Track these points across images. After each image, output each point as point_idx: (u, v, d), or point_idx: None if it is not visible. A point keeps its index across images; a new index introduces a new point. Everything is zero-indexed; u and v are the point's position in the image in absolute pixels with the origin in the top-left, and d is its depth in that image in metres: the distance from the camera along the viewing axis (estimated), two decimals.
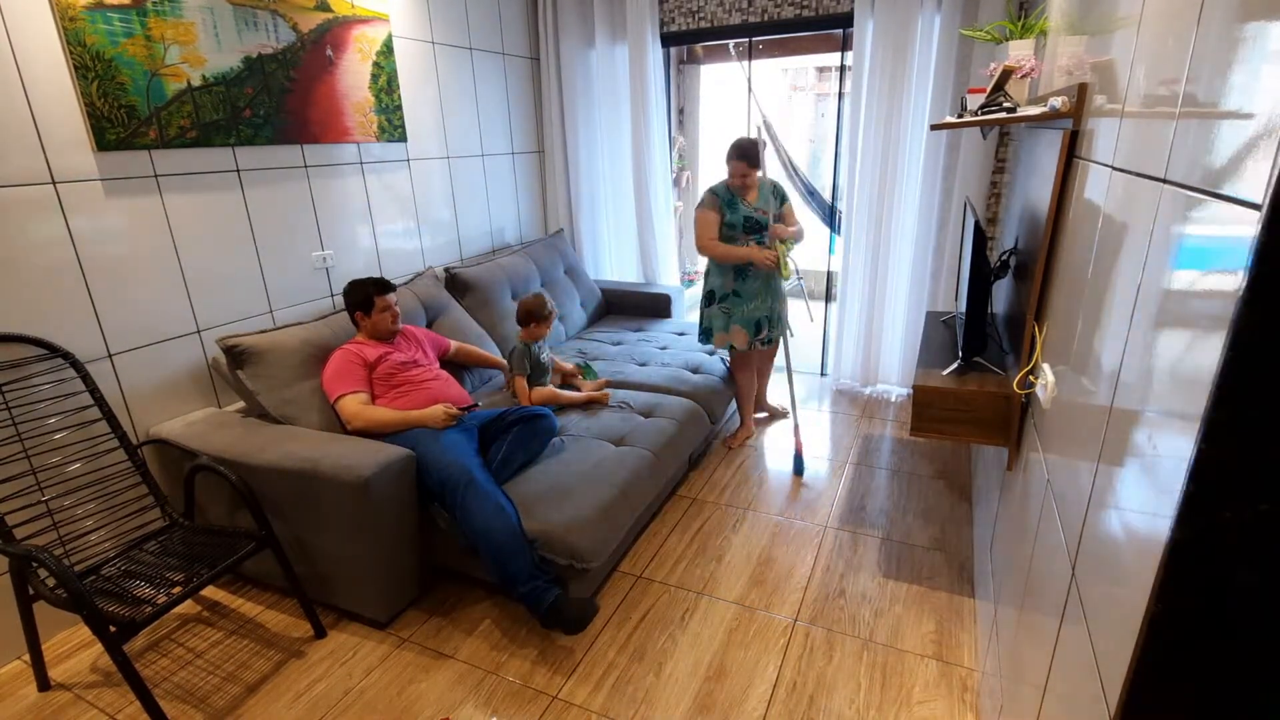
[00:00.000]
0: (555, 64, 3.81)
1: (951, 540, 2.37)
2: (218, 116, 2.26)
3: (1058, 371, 1.23)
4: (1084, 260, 1.12)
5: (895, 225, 3.35)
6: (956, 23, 2.90)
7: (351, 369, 2.23)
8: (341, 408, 2.18)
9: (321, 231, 2.69)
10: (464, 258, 3.51)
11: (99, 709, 1.79)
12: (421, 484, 2.05)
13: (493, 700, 1.78)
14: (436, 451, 2.07)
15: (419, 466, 2.04)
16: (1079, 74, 1.40)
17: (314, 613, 2.03)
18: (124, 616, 1.58)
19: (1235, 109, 0.61)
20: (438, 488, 2.00)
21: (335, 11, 2.61)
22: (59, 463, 1.93)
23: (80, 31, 1.89)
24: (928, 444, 3.07)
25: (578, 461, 2.25)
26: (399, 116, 2.96)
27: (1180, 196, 0.71)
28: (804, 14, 3.37)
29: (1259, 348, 0.52)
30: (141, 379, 2.16)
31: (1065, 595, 0.96)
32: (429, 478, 2.03)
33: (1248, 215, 0.54)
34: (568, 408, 2.67)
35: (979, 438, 1.75)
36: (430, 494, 2.05)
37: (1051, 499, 1.15)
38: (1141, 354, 0.77)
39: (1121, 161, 0.97)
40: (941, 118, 2.60)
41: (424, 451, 2.06)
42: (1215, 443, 0.56)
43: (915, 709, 1.71)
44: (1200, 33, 0.71)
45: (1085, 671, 0.81)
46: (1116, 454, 0.81)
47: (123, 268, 2.08)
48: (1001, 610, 1.56)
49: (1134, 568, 0.69)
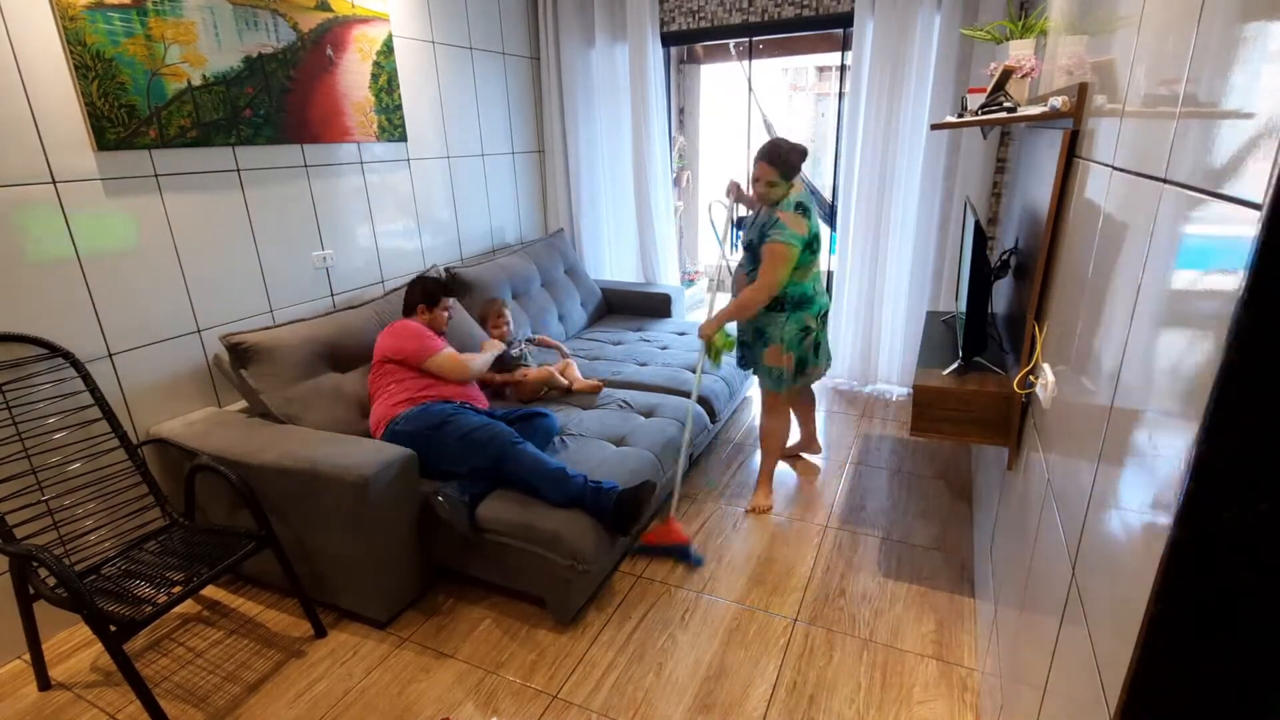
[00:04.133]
0: (555, 64, 3.81)
1: (951, 540, 2.37)
2: (218, 116, 2.26)
3: (1058, 371, 1.23)
4: (1084, 260, 1.12)
5: (895, 225, 3.35)
6: (957, 22, 2.90)
7: (429, 334, 2.40)
8: (441, 362, 2.35)
9: (322, 231, 2.69)
10: (464, 257, 3.51)
11: (99, 708, 1.79)
12: (431, 467, 2.08)
13: (493, 700, 1.78)
14: (473, 416, 2.20)
15: (442, 440, 2.11)
16: (1079, 74, 1.40)
17: (314, 612, 2.03)
18: (124, 616, 1.58)
19: (1235, 109, 0.61)
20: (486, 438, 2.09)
21: (335, 11, 2.61)
22: (59, 462, 1.93)
23: (80, 31, 1.89)
24: (928, 444, 3.07)
25: (579, 462, 2.24)
26: (399, 116, 2.96)
27: (1181, 196, 0.71)
28: (804, 14, 3.37)
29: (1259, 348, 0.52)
30: (142, 378, 2.16)
31: (1065, 595, 0.96)
32: (475, 435, 2.11)
33: (1248, 215, 0.54)
34: (568, 404, 2.68)
35: (979, 438, 1.75)
36: (445, 474, 2.10)
37: (1052, 499, 1.15)
38: (1142, 354, 0.77)
39: (1122, 161, 0.97)
40: (942, 118, 2.60)
41: (461, 421, 2.15)
42: (1215, 443, 0.56)
43: (915, 709, 1.71)
44: (1200, 33, 0.71)
45: (1085, 671, 0.81)
46: (1117, 454, 0.81)
47: (123, 267, 2.08)
48: (1001, 610, 1.56)
49: (1134, 568, 0.69)
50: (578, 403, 2.75)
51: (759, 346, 2.45)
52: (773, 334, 2.39)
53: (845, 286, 3.55)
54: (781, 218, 2.21)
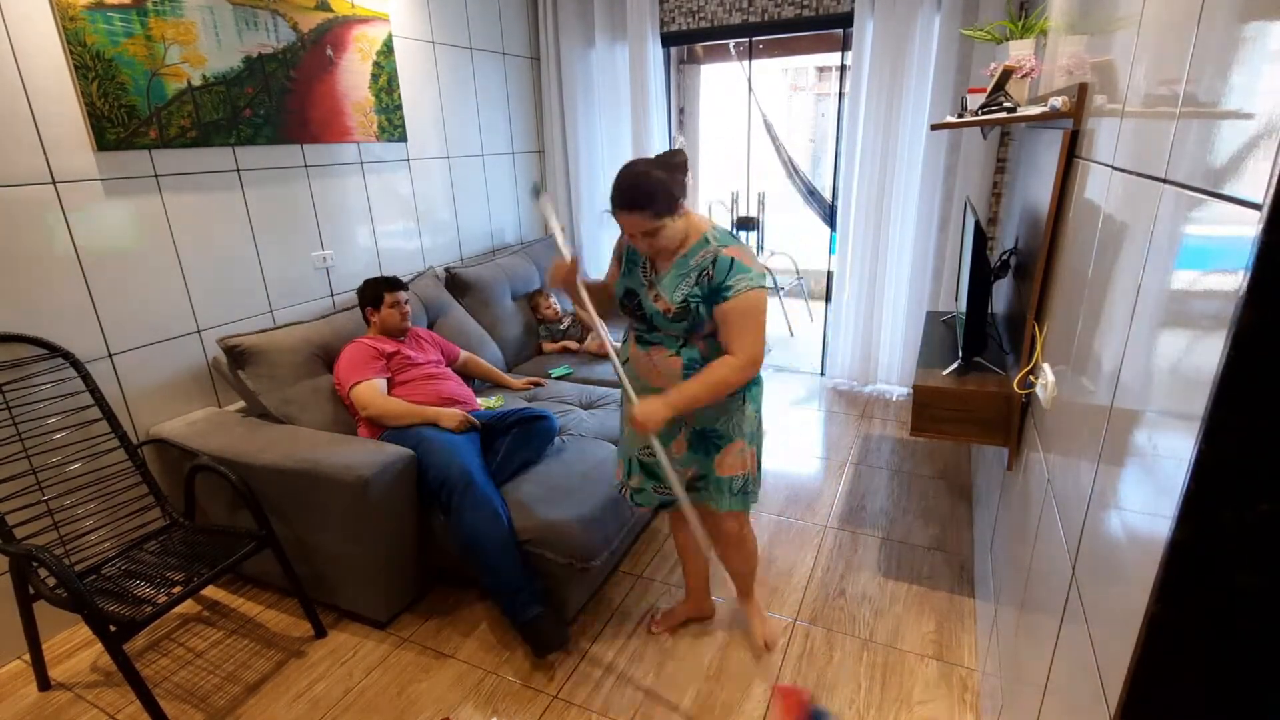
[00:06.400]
0: (555, 64, 3.81)
1: (951, 540, 2.37)
2: (218, 116, 2.26)
3: (1058, 371, 1.23)
4: (1084, 260, 1.12)
5: (895, 225, 3.35)
6: (956, 22, 2.90)
7: (367, 359, 2.27)
8: (356, 395, 2.20)
9: (321, 231, 2.69)
10: (464, 257, 3.51)
11: (99, 709, 1.79)
12: (422, 484, 2.05)
13: (493, 700, 1.78)
14: (439, 450, 2.06)
15: (420, 465, 2.04)
16: (1079, 74, 1.40)
17: (314, 612, 2.03)
18: (124, 616, 1.58)
19: (1235, 109, 0.61)
20: (436, 486, 2.00)
21: (335, 11, 2.61)
22: (59, 462, 1.93)
23: (80, 31, 1.89)
24: (928, 444, 3.07)
25: (578, 461, 2.24)
26: (399, 116, 2.96)
27: (1181, 196, 0.71)
28: (804, 14, 3.37)
29: (1259, 348, 0.52)
30: (142, 379, 2.16)
31: (1065, 595, 0.96)
32: (428, 476, 2.02)
33: (1248, 215, 0.53)
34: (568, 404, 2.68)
35: (979, 438, 1.75)
36: (430, 494, 2.05)
37: (1052, 499, 1.15)
38: (1142, 354, 0.77)
39: (1122, 161, 0.97)
40: (942, 117, 2.60)
41: (426, 450, 2.06)
42: (1215, 443, 0.56)
43: (915, 709, 1.71)
44: (1200, 33, 0.71)
45: (1085, 671, 0.81)
46: (1117, 454, 0.81)
47: (123, 267, 2.08)
48: (1001, 610, 1.56)
49: (1134, 568, 0.69)
50: (578, 402, 2.75)
51: (706, 453, 1.66)
52: (729, 428, 1.63)
53: (845, 287, 3.55)
54: (733, 256, 1.50)
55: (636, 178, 1.46)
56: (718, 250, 1.52)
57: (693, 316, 1.52)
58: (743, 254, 1.52)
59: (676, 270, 1.55)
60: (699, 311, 1.52)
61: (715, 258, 1.51)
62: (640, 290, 1.61)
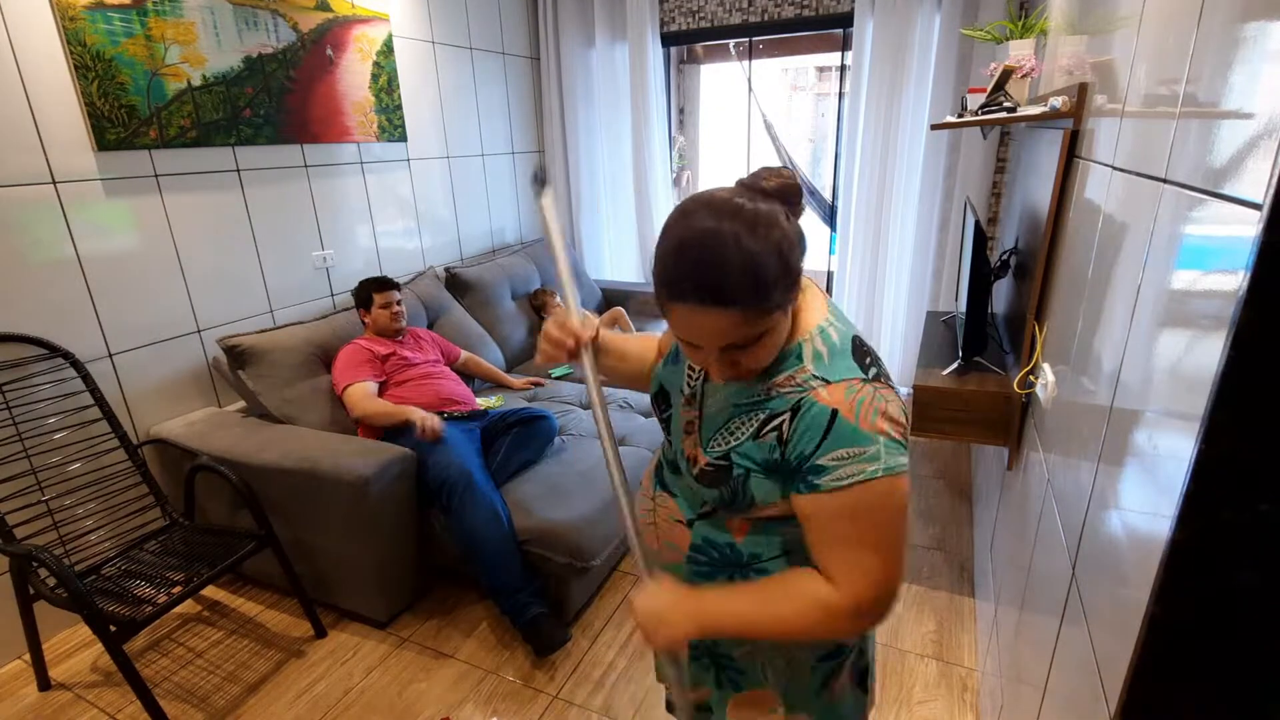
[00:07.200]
0: (555, 64, 3.81)
1: (951, 540, 2.36)
2: (218, 116, 2.26)
3: (1058, 371, 1.23)
4: (1084, 260, 1.12)
5: (895, 225, 3.35)
6: (956, 22, 2.89)
7: (359, 361, 2.28)
8: (347, 396, 2.21)
9: (321, 231, 2.69)
10: (464, 257, 3.51)
11: (99, 709, 1.79)
12: (422, 484, 2.05)
13: (493, 700, 1.78)
14: (439, 450, 2.06)
15: (420, 465, 2.04)
16: (1079, 74, 1.40)
17: (314, 612, 2.03)
18: (124, 616, 1.59)
19: (1236, 109, 0.61)
20: (435, 486, 2.00)
21: (335, 11, 2.61)
22: (59, 462, 1.93)
23: (80, 31, 1.89)
24: (928, 444, 3.07)
25: (578, 461, 2.24)
26: (399, 116, 2.96)
27: (1181, 196, 0.71)
28: (804, 14, 3.37)
29: (1259, 348, 0.52)
30: (142, 379, 2.16)
31: (1065, 595, 0.96)
32: (428, 476, 2.02)
33: (1248, 215, 0.53)
34: (568, 404, 2.68)
35: (979, 438, 1.75)
36: (430, 494, 2.04)
37: (1052, 499, 1.15)
38: (1142, 354, 0.77)
39: (1122, 161, 0.97)
40: (942, 117, 2.60)
41: (426, 450, 2.06)
42: (1215, 443, 0.56)
43: (915, 709, 1.70)
44: (1200, 33, 0.71)
45: (1085, 671, 0.81)
46: (1117, 454, 0.81)
47: (123, 267, 2.08)
48: (1001, 610, 1.56)
49: (1134, 568, 0.69)
50: (578, 402, 2.75)
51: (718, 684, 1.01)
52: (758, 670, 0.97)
53: (845, 287, 3.55)
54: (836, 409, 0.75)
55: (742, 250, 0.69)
56: (812, 390, 0.77)
57: (733, 488, 0.83)
58: (861, 406, 0.75)
59: (735, 395, 0.84)
60: (746, 488, 0.82)
61: (801, 403, 0.77)
62: (677, 398, 0.94)
